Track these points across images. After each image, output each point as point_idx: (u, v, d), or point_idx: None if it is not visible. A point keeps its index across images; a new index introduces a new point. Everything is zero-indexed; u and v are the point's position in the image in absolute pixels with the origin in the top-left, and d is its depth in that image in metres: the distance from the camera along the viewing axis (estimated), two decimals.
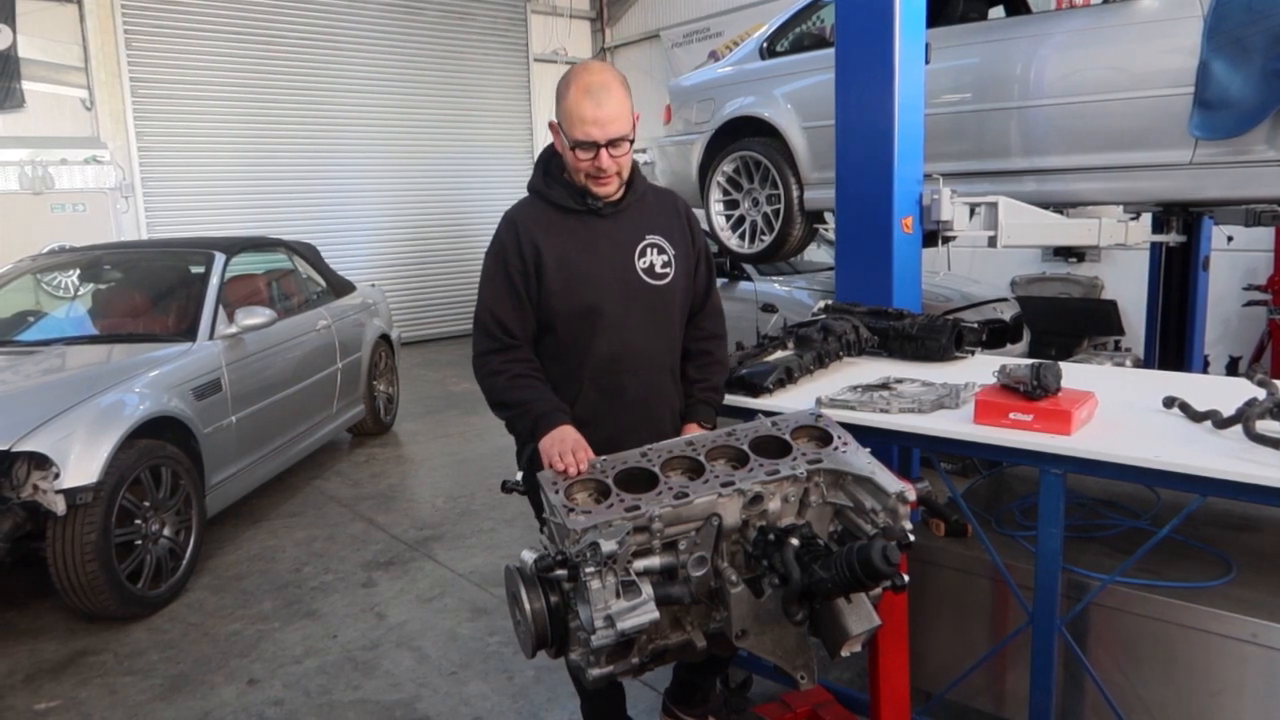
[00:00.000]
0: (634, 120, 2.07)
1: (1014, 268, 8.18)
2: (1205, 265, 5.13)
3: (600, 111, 1.98)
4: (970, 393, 2.24)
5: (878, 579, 1.55)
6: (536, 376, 2.12)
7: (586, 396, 2.14)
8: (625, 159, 2.08)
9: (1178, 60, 3.43)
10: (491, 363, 2.13)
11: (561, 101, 2.04)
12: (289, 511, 5.11)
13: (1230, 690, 1.98)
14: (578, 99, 1.99)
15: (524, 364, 2.12)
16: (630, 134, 2.05)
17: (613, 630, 1.53)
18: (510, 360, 2.11)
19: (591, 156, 2.02)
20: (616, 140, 2.02)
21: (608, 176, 2.07)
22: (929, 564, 2.46)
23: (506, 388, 2.10)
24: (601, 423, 2.11)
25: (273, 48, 9.95)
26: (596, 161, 2.03)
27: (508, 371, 2.10)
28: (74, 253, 5.64)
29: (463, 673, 3.27)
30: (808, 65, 4.73)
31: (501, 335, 2.12)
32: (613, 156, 2.03)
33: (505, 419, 2.17)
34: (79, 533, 3.49)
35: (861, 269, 3.37)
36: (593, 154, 2.02)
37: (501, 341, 2.12)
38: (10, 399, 3.82)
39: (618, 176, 2.10)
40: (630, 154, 2.10)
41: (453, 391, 8.32)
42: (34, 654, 3.53)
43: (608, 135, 2.00)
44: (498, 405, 2.15)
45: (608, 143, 2.01)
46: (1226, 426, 1.94)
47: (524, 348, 2.14)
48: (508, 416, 2.14)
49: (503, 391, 2.10)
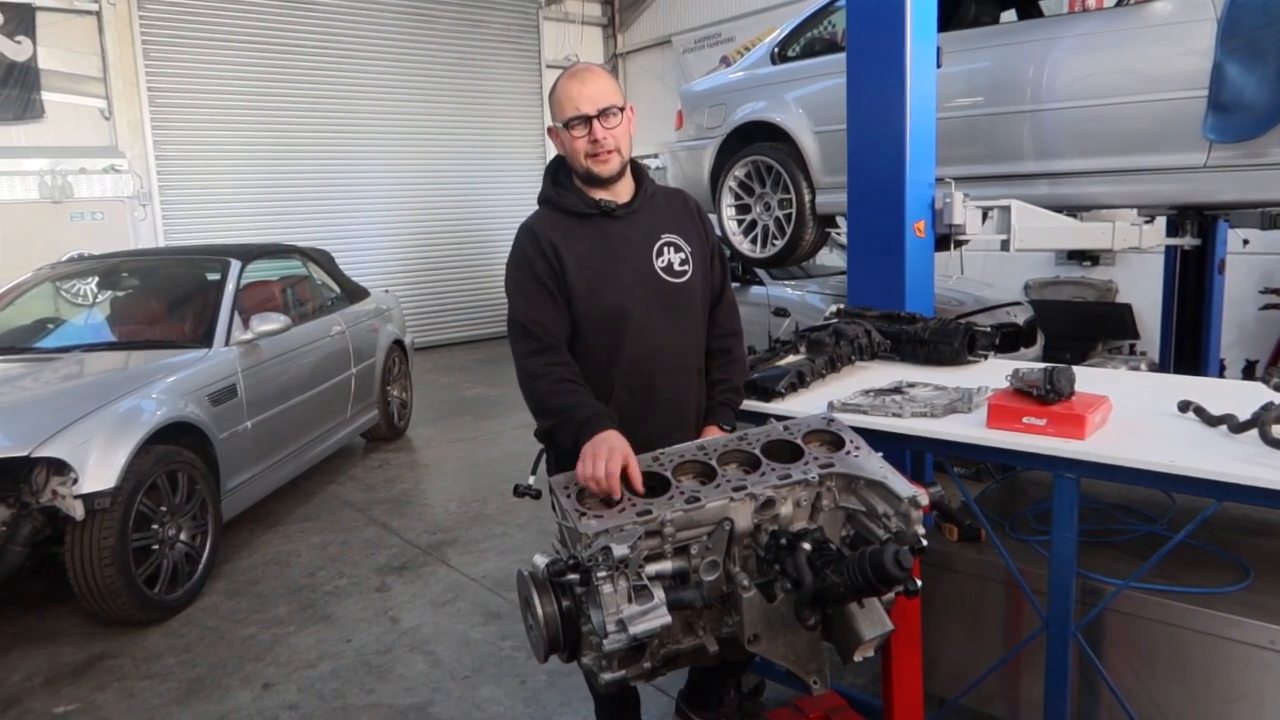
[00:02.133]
0: (628, 108, 2.12)
1: (1027, 271, 8.13)
2: (1221, 268, 5.09)
3: (585, 87, 2.05)
4: (983, 397, 2.24)
5: (890, 584, 1.54)
6: (578, 381, 2.06)
7: (618, 400, 2.12)
8: (620, 131, 2.10)
9: (1191, 63, 3.41)
10: (533, 365, 2.07)
11: (551, 99, 2.13)
12: (304, 516, 5.14)
13: (1248, 697, 1.97)
14: (564, 84, 2.09)
15: (565, 367, 2.07)
16: (620, 104, 2.09)
17: (625, 634, 1.53)
18: (551, 363, 2.06)
19: (586, 132, 2.06)
20: (607, 110, 2.06)
21: (606, 152, 2.08)
22: (942, 569, 2.45)
23: (550, 392, 2.03)
24: (635, 425, 2.04)
25: (288, 57, 10.04)
26: (591, 135, 2.06)
27: (549, 375, 2.05)
28: (92, 260, 5.71)
29: (475, 677, 3.28)
30: (819, 70, 4.73)
31: (541, 334, 2.07)
32: (607, 129, 2.06)
33: (547, 428, 2.07)
34: (97, 537, 3.52)
35: (874, 273, 3.36)
36: (586, 129, 2.06)
37: (543, 342, 2.08)
38: (29, 405, 3.87)
39: (617, 154, 2.10)
40: (626, 131, 2.12)
41: (466, 396, 8.35)
42: (53, 658, 3.56)
43: (597, 105, 2.04)
44: (540, 413, 2.08)
45: (599, 113, 2.05)
46: (1242, 431, 1.92)
47: (563, 349, 2.10)
48: (550, 425, 2.05)
49: (547, 396, 2.04)
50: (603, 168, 2.10)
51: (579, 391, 2.04)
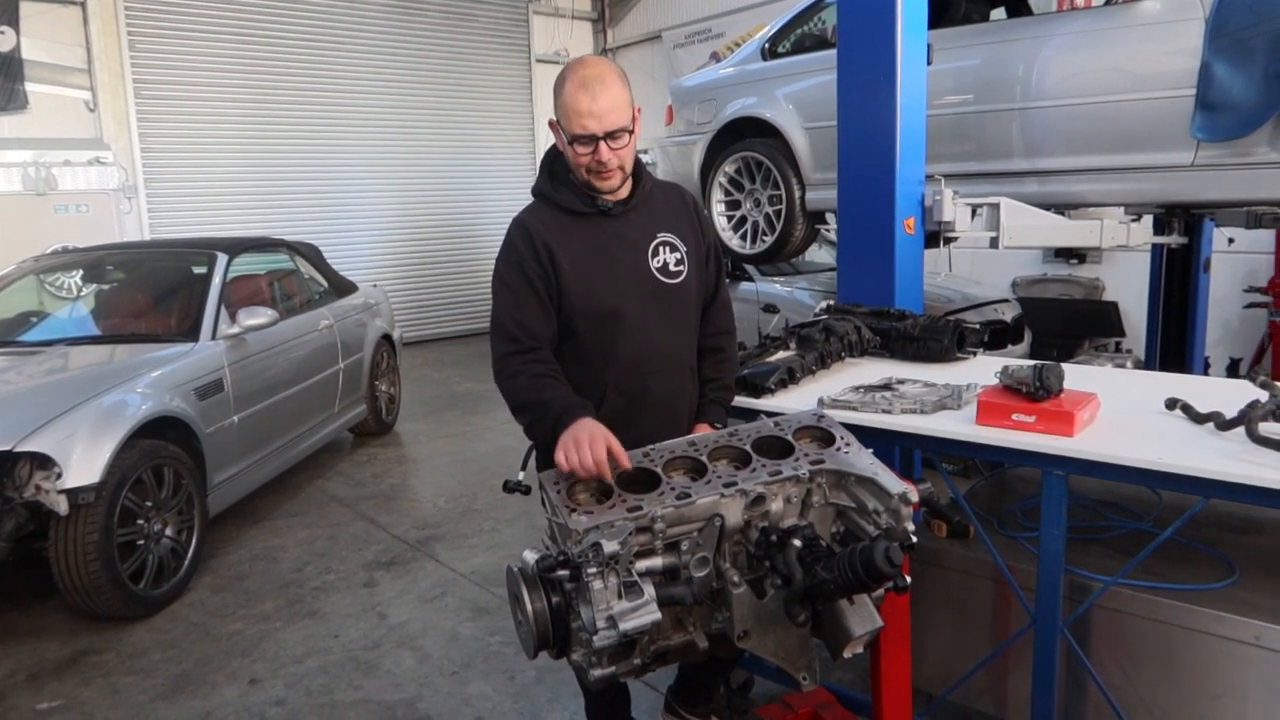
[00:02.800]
0: (635, 112, 2.03)
1: (1015, 269, 8.17)
2: (1206, 267, 5.13)
3: (596, 104, 1.94)
4: (972, 394, 2.24)
5: (880, 580, 1.54)
6: (556, 377, 2.04)
7: (611, 400, 2.10)
8: (626, 152, 2.03)
9: (1179, 62, 3.43)
10: (511, 364, 2.04)
11: (558, 97, 2.00)
12: (291, 511, 5.11)
13: (1233, 693, 1.98)
14: (573, 93, 1.96)
15: (544, 364, 2.04)
16: (629, 125, 2.01)
17: (615, 631, 1.53)
18: (530, 361, 2.04)
19: (590, 151, 1.99)
20: (615, 132, 1.98)
21: (609, 171, 2.03)
22: (931, 565, 2.45)
23: (526, 388, 2.01)
24: (628, 427, 2.01)
25: (275, 49, 9.96)
26: (596, 155, 1.99)
27: (527, 372, 2.02)
28: (77, 253, 5.65)
29: (464, 673, 3.27)
30: (809, 66, 4.73)
31: (524, 338, 2.05)
32: (613, 149, 1.99)
33: (526, 424, 2.07)
34: (81, 533, 3.49)
35: (863, 270, 3.37)
36: (591, 148, 1.98)
37: (523, 344, 2.05)
38: (13, 399, 3.82)
39: (620, 171, 2.05)
40: (632, 147, 2.05)
41: (455, 391, 8.33)
42: (36, 653, 3.53)
43: (605, 127, 1.96)
44: (518, 409, 2.06)
45: (606, 135, 1.97)
46: (1229, 428, 1.93)
47: (545, 349, 2.07)
48: (528, 421, 2.05)
49: (522, 393, 2.02)
50: (604, 184, 2.06)
51: (555, 385, 2.01)
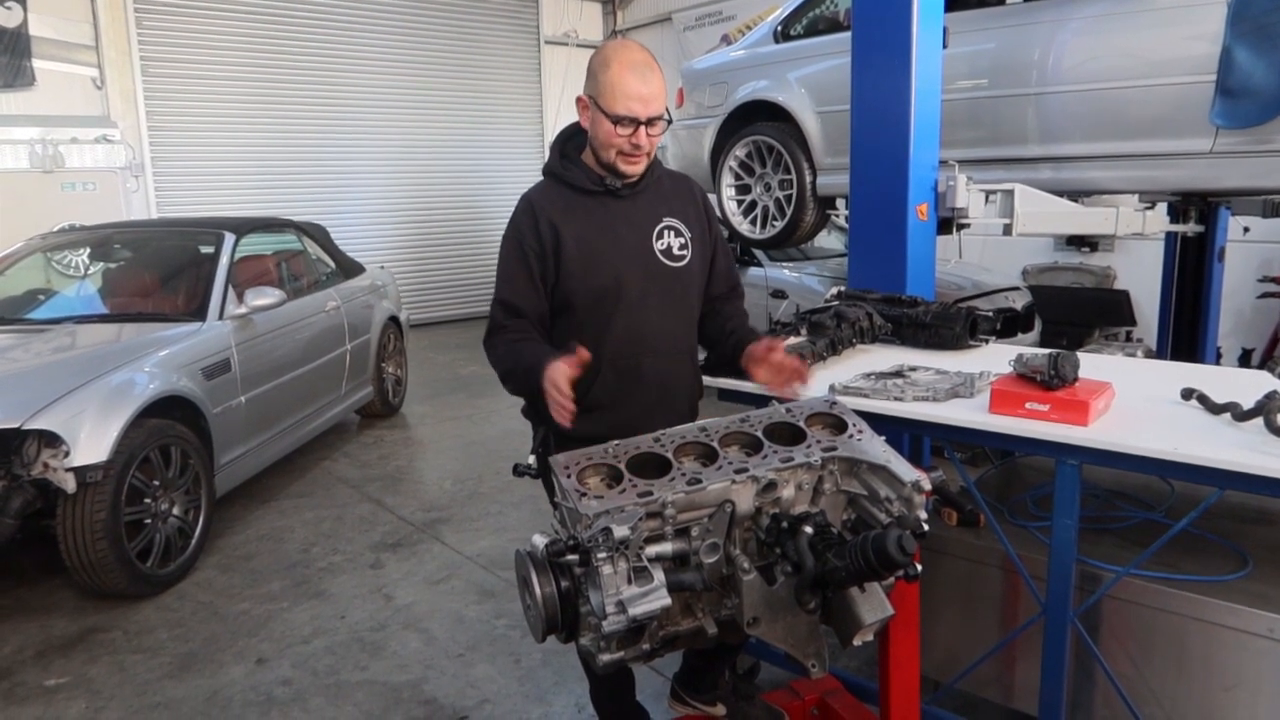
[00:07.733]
0: None
1: (1025, 257, 8.11)
2: (1221, 256, 5.07)
3: (645, 88, 1.99)
4: (985, 382, 2.22)
5: (892, 568, 1.53)
6: (529, 337, 2.11)
7: (605, 379, 2.13)
8: (658, 139, 2.09)
9: (1199, 47, 3.38)
10: (492, 339, 2.15)
11: (601, 75, 2.01)
12: (297, 492, 5.12)
13: (1245, 685, 1.97)
14: (621, 73, 1.99)
15: (519, 332, 2.12)
16: (666, 115, 2.07)
17: (624, 616, 1.52)
18: (510, 332, 2.12)
19: (630, 133, 2.02)
20: (655, 119, 2.03)
21: (640, 155, 2.07)
22: (941, 553, 2.44)
23: (504, 356, 2.11)
24: (620, 406, 2.11)
25: (283, 28, 9.90)
26: (634, 138, 2.03)
27: (504, 341, 2.12)
28: (84, 231, 5.65)
29: (470, 655, 3.27)
30: (822, 49, 4.68)
31: (506, 314, 2.14)
32: (650, 135, 2.04)
33: (513, 390, 2.16)
34: (89, 511, 3.50)
35: (875, 255, 3.33)
36: (631, 130, 2.02)
37: (503, 320, 2.14)
38: (21, 377, 3.83)
39: (647, 157, 2.11)
40: (661, 135, 2.11)
41: (461, 374, 8.32)
42: (44, 631, 3.55)
43: (650, 112, 2.01)
44: (504, 377, 2.15)
45: (648, 120, 2.02)
46: (1246, 419, 1.91)
47: (525, 320, 2.14)
48: (514, 387, 2.14)
49: (502, 361, 2.12)
50: (631, 168, 2.10)
51: (528, 345, 2.08)
